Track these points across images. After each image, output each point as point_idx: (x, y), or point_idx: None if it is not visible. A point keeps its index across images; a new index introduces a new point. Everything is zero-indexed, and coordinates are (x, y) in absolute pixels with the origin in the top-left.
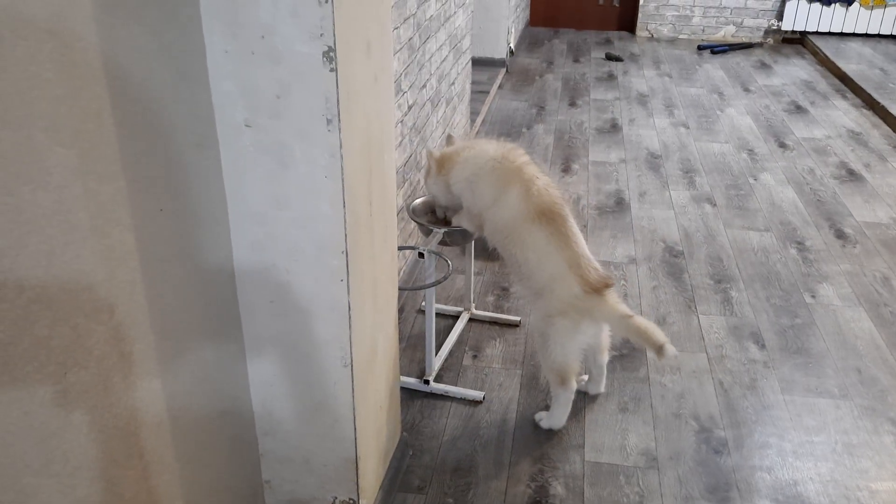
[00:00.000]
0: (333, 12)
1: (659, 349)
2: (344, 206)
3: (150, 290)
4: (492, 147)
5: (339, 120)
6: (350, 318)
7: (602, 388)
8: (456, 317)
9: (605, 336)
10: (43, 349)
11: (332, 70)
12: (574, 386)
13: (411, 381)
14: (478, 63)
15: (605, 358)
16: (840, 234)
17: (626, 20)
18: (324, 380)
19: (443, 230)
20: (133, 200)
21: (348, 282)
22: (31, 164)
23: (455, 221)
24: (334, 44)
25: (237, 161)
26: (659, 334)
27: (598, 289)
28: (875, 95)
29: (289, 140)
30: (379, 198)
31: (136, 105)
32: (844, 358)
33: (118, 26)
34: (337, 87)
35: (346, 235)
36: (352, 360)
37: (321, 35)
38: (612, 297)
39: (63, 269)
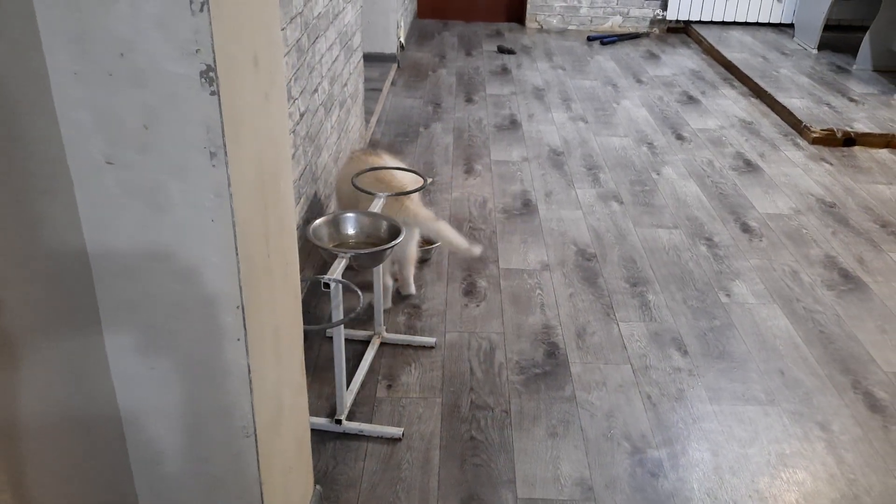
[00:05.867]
0: (211, 23)
1: None
2: (237, 254)
3: None
4: None
5: (226, 152)
6: (251, 381)
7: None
8: (366, 342)
9: None
10: None
11: (213, 93)
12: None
13: (321, 422)
14: (368, 58)
15: None
16: (746, 228)
17: (515, 11)
18: (222, 453)
19: (349, 254)
20: None
21: (246, 340)
22: None
23: None
24: (214, 62)
25: (98, 206)
26: None
27: None
28: (761, 84)
29: (163, 178)
30: (277, 234)
31: None
32: (766, 360)
33: None
34: (220, 112)
35: (240, 287)
36: (255, 429)
37: (197, 51)
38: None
39: None
